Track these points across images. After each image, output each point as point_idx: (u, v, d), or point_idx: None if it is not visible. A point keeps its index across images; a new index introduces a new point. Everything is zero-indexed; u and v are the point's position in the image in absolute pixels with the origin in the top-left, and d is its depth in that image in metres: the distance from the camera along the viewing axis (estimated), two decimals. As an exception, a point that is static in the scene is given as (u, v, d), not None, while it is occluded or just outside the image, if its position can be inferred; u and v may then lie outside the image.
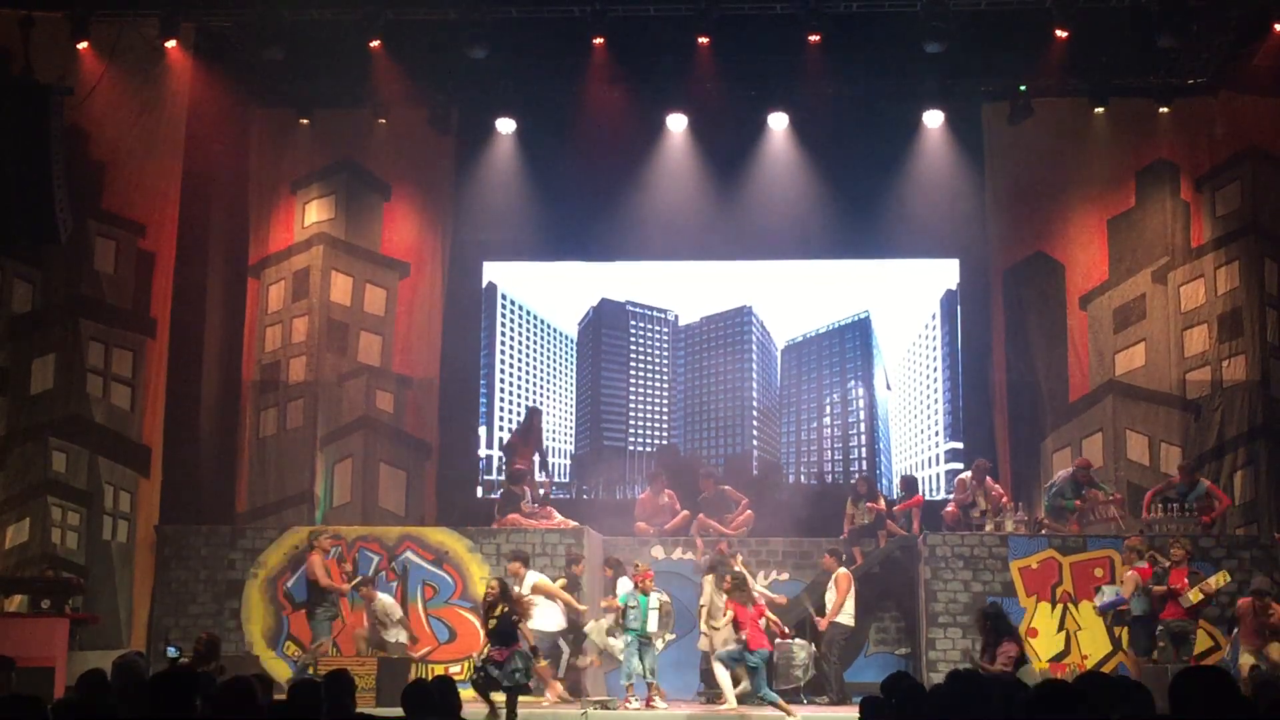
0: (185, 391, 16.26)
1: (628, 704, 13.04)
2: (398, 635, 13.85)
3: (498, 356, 18.47)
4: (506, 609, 12.05)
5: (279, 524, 15.80)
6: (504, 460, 16.88)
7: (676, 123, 17.41)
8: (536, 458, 16.73)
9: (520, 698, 12.06)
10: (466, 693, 10.41)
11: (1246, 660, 12.75)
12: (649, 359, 18.59)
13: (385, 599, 13.98)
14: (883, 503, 15.66)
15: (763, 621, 13.02)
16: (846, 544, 15.39)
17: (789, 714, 12.50)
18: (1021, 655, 12.37)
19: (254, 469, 17.02)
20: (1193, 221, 16.90)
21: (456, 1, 15.14)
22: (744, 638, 12.71)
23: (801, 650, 14.28)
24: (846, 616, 14.20)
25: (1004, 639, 12.44)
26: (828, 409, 18.27)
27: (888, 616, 15.22)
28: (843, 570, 14.35)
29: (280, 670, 13.56)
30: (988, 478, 15.34)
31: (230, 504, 16.84)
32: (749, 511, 15.78)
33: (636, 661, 13.13)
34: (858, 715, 7.04)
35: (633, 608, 13.21)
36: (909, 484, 16.33)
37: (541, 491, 15.86)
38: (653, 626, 13.28)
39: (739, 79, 16.78)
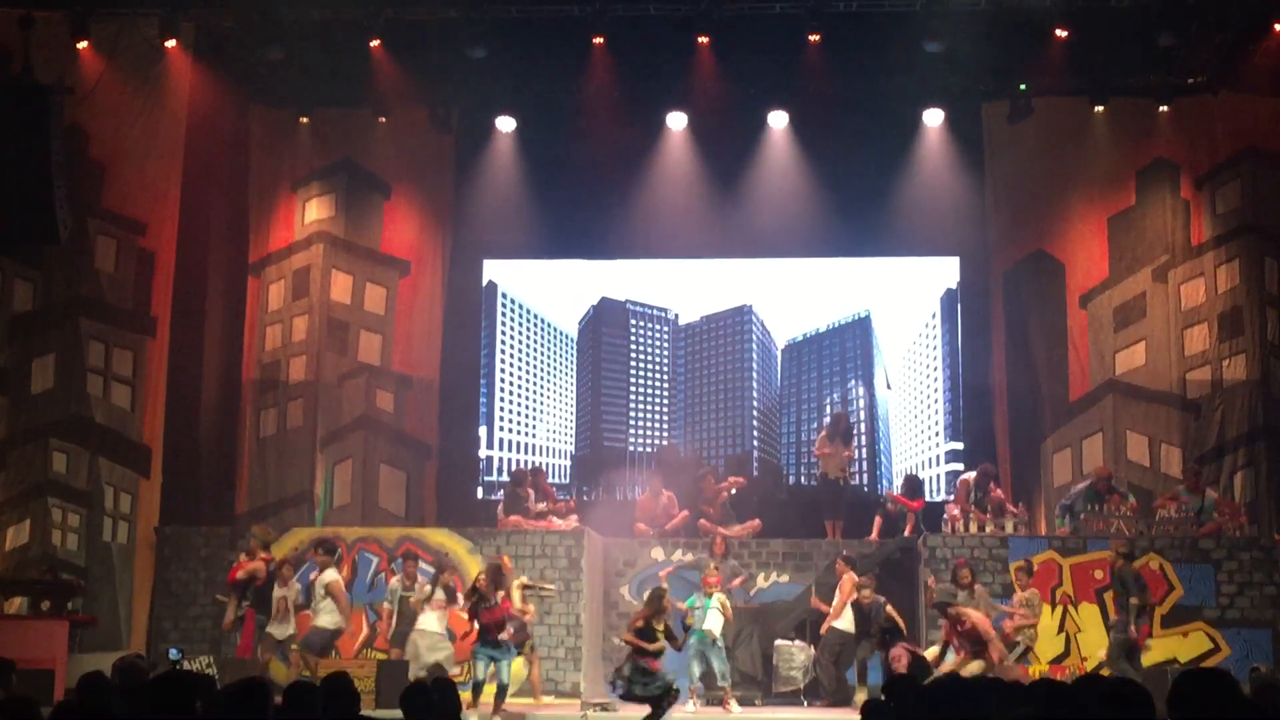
0: (185, 391, 16.26)
1: (685, 706, 13.05)
2: (289, 626, 13.65)
3: (498, 355, 18.45)
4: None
5: (279, 524, 15.72)
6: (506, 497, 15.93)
7: (676, 122, 17.43)
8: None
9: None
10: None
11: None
12: (649, 358, 18.57)
13: (297, 586, 13.78)
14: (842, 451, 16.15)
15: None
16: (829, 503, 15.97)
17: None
18: (914, 657, 12.48)
19: (254, 469, 17.00)
20: (1193, 220, 16.89)
21: (456, 1, 15.14)
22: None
23: (800, 653, 14.24)
24: (845, 622, 14.11)
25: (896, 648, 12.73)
26: (828, 408, 18.24)
27: (888, 617, 15.18)
28: (850, 575, 14.24)
29: (279, 673, 13.53)
30: (991, 482, 15.28)
31: (230, 504, 16.83)
32: (756, 521, 15.76)
33: (695, 666, 13.20)
34: (859, 717, 7.03)
35: (697, 608, 13.29)
36: (913, 484, 16.21)
37: (544, 505, 15.52)
38: (711, 626, 13.25)
39: (739, 79, 16.76)
